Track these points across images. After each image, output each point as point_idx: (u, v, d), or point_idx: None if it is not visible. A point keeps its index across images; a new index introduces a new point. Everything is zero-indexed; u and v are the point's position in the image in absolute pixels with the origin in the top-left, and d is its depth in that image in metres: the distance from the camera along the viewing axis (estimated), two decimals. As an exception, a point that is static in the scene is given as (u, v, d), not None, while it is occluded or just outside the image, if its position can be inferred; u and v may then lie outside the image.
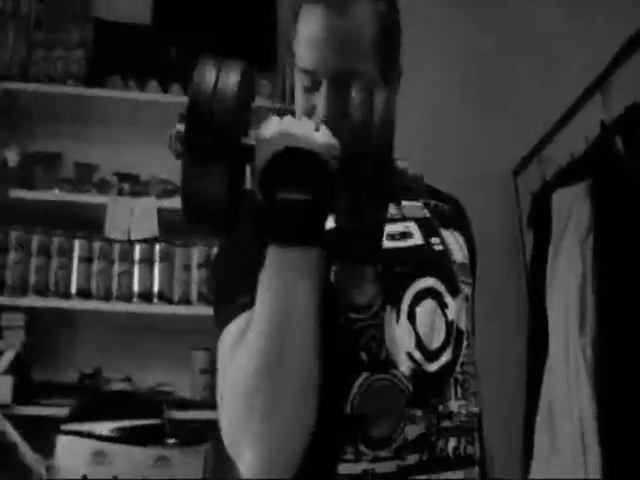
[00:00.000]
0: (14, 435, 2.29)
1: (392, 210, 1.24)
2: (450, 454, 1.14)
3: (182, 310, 2.69)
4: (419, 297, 1.18)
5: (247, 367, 0.98)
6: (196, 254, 2.77)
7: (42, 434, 2.33)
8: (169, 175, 2.91)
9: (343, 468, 1.10)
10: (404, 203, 1.28)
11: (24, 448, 2.28)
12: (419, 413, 1.13)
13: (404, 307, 1.16)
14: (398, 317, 1.15)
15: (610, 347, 2.26)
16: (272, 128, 0.96)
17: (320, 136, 0.97)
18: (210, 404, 2.60)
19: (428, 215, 1.30)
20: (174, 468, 2.31)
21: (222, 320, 1.11)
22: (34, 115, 2.94)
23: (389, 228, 1.18)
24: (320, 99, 1.16)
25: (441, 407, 1.15)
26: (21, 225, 2.68)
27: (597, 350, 2.31)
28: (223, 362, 1.08)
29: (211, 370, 2.67)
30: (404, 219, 1.25)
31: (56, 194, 2.74)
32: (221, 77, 0.95)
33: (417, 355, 1.14)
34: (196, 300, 2.72)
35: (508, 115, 3.23)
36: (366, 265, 1.15)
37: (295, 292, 0.98)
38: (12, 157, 2.75)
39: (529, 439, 2.59)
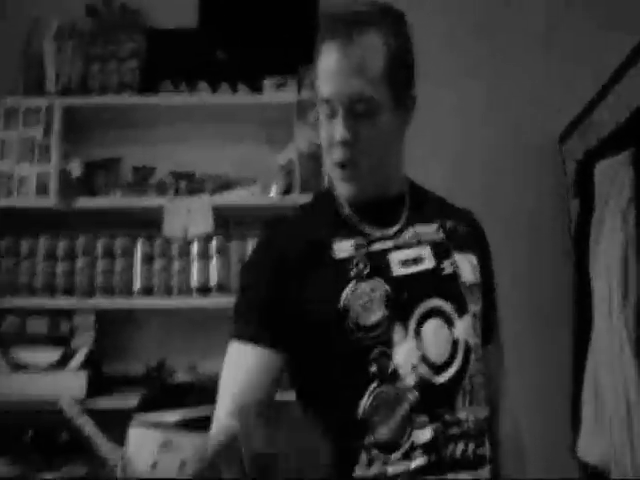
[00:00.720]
0: (91, 427, 2.48)
1: (408, 235, 1.38)
2: (458, 457, 1.27)
3: (239, 300, 2.82)
4: (426, 316, 1.31)
5: None
6: (250, 247, 2.89)
7: (115, 424, 2.51)
8: (222, 169, 3.09)
9: (357, 471, 1.25)
10: (420, 228, 1.40)
11: (100, 439, 2.47)
12: (426, 420, 1.26)
13: (412, 325, 1.29)
14: (406, 334, 1.28)
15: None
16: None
17: None
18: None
19: (443, 238, 1.41)
20: (236, 450, 2.47)
21: (233, 333, 1.35)
22: (92, 125, 3.12)
23: (404, 254, 1.34)
24: (338, 125, 1.30)
25: (448, 416, 1.27)
26: (87, 230, 2.87)
27: (640, 321, 2.32)
28: (225, 380, 1.32)
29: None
30: (418, 244, 1.37)
31: (117, 200, 2.92)
32: None
33: (422, 368, 1.28)
34: (252, 289, 2.84)
35: (554, 83, 3.25)
36: None
37: None
38: (75, 168, 2.93)
39: (576, 413, 2.62)
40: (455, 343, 1.31)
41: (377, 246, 1.34)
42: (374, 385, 1.25)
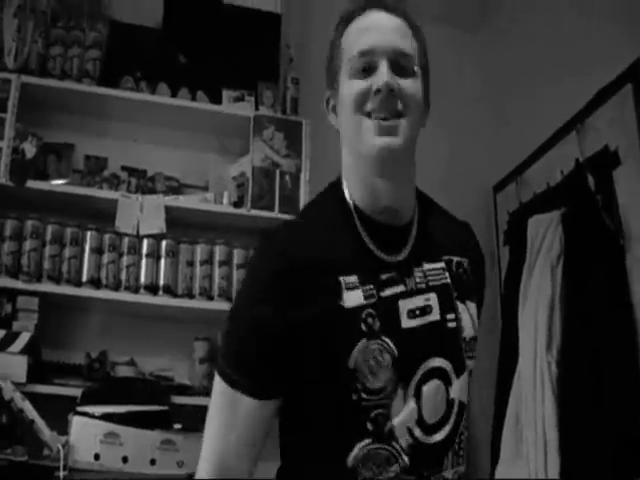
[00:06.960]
0: (32, 412, 2.45)
1: (417, 277, 1.32)
2: None
3: (185, 303, 2.88)
4: (427, 376, 1.27)
5: None
6: (199, 251, 2.96)
7: (52, 412, 2.49)
8: (173, 173, 3.12)
9: None
10: (428, 266, 1.34)
11: (41, 425, 2.44)
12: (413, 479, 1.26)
13: (412, 386, 1.26)
14: (405, 394, 1.25)
15: (572, 365, 2.51)
16: None
17: None
18: (209, 392, 2.81)
19: (448, 281, 1.36)
20: (179, 451, 2.50)
21: (227, 377, 1.30)
22: (49, 108, 3.06)
23: (411, 302, 1.29)
24: (380, 74, 1.24)
25: (435, 477, 1.26)
26: (36, 214, 2.81)
27: (561, 367, 2.56)
28: (210, 418, 1.34)
29: (210, 359, 2.88)
30: (427, 290, 1.31)
31: (70, 187, 2.89)
32: None
33: (416, 431, 1.25)
34: (198, 294, 2.90)
35: (493, 135, 3.52)
36: None
37: None
38: (29, 149, 2.87)
39: (496, 443, 2.82)
40: (450, 403, 1.30)
41: (387, 292, 1.28)
42: (368, 441, 1.22)
